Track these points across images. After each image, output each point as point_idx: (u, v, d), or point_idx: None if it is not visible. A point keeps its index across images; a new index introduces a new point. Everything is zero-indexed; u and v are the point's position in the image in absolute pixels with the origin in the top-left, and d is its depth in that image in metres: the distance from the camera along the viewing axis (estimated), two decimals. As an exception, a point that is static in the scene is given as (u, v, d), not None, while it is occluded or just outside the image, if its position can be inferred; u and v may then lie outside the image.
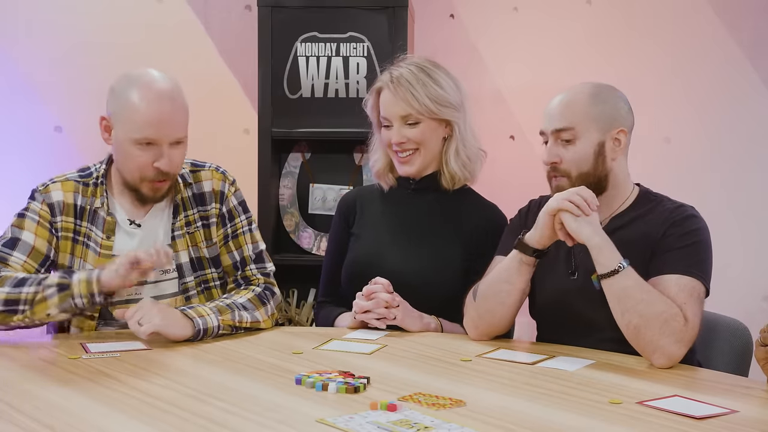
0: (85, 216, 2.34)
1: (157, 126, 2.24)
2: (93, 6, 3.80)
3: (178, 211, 2.39)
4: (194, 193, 2.42)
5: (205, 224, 2.42)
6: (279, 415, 1.63)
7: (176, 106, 2.28)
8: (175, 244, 2.37)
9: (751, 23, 3.71)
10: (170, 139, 2.26)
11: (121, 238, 2.35)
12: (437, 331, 2.41)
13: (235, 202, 2.45)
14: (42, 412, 1.63)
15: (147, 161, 2.26)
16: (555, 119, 2.21)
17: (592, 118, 2.19)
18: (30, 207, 2.34)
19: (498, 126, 3.81)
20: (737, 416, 1.66)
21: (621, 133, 2.21)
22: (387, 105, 2.48)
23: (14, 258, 2.29)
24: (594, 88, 2.23)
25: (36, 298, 2.17)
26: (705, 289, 2.11)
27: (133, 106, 2.23)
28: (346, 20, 3.40)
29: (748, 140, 3.73)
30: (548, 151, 2.22)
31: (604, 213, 2.23)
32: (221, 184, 2.44)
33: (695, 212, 2.21)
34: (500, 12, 3.82)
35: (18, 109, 3.78)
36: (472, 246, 2.48)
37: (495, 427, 1.57)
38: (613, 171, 2.23)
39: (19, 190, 2.45)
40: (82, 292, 2.17)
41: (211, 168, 2.47)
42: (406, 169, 2.51)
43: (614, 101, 2.23)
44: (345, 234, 2.60)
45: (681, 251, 2.12)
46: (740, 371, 2.24)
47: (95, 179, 2.37)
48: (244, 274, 2.44)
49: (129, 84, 2.27)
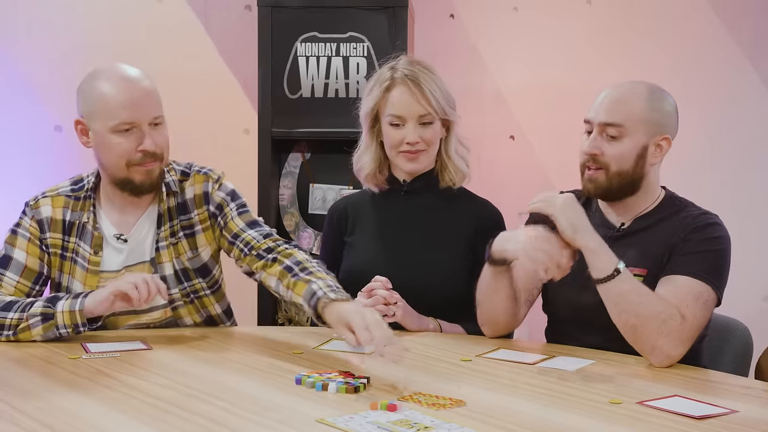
0: (74, 231, 2.34)
1: (131, 107, 2.23)
2: (93, 6, 3.80)
3: (163, 221, 2.35)
4: (178, 202, 2.38)
5: (189, 233, 2.37)
6: (279, 415, 1.63)
7: (145, 86, 2.27)
8: (159, 256, 2.34)
9: (751, 23, 3.71)
10: (148, 119, 2.25)
11: (109, 253, 2.34)
12: (436, 331, 2.41)
13: (222, 194, 2.39)
14: (42, 412, 1.63)
15: (130, 147, 2.25)
16: (606, 112, 2.18)
17: (643, 120, 2.17)
18: (21, 223, 2.36)
19: (498, 126, 3.81)
20: (737, 416, 1.66)
21: (665, 140, 2.20)
22: (403, 103, 2.44)
23: (7, 279, 2.30)
24: (651, 91, 2.21)
25: (20, 326, 2.18)
26: (716, 296, 2.09)
27: (104, 95, 2.24)
28: (346, 20, 3.39)
29: (748, 140, 3.73)
30: (591, 141, 2.19)
31: (629, 214, 2.23)
32: (204, 186, 2.39)
33: (718, 220, 2.19)
34: (500, 12, 3.82)
35: (18, 109, 3.78)
36: (469, 245, 2.48)
37: (495, 427, 1.57)
38: (648, 175, 2.21)
39: (19, 190, 2.46)
40: (65, 323, 2.17)
41: (194, 173, 2.41)
42: (411, 167, 2.48)
43: (666, 107, 2.22)
44: (338, 242, 2.58)
45: (697, 256, 2.11)
46: (740, 371, 2.24)
47: (86, 192, 2.36)
48: (244, 240, 2.34)
49: (94, 78, 2.28)
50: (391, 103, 2.45)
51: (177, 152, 2.45)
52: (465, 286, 2.37)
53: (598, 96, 2.22)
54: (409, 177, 2.53)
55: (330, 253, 2.59)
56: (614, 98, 2.20)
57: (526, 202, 2.45)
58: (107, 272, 2.33)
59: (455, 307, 2.39)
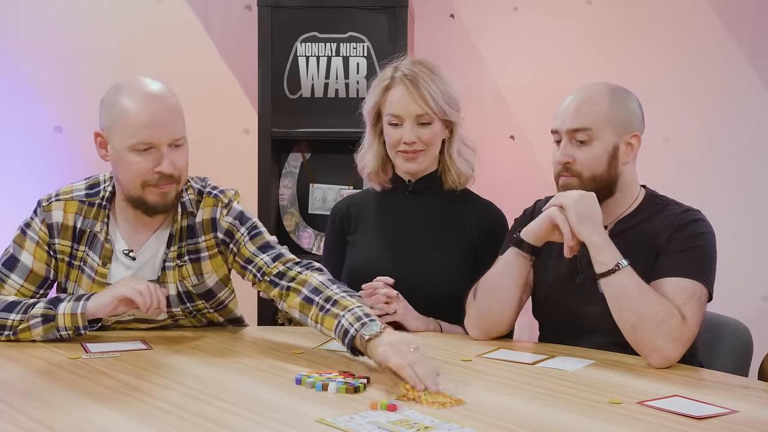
0: (84, 239, 2.29)
1: (152, 127, 2.15)
2: (93, 6, 3.80)
3: (173, 241, 2.29)
4: (188, 224, 2.30)
5: (194, 258, 2.31)
6: (279, 415, 1.63)
7: (169, 105, 2.19)
8: (165, 275, 2.29)
9: (751, 23, 3.71)
10: (168, 140, 2.17)
11: (117, 268, 2.30)
12: (436, 331, 2.41)
13: (230, 220, 2.30)
14: (42, 412, 1.63)
15: (147, 167, 2.16)
16: (571, 119, 2.19)
17: (609, 120, 2.17)
18: (31, 225, 2.30)
19: (498, 126, 3.81)
20: (737, 416, 1.66)
21: (634, 138, 2.20)
22: (401, 103, 2.44)
23: (11, 281, 2.28)
24: (611, 90, 2.21)
25: (20, 327, 2.17)
26: (707, 292, 2.10)
27: (126, 112, 2.15)
28: (346, 20, 3.40)
29: (748, 140, 3.73)
30: (562, 149, 2.20)
31: (610, 217, 2.22)
32: (212, 211, 2.30)
33: (702, 216, 2.20)
34: (500, 12, 3.82)
35: (18, 109, 3.78)
36: (472, 246, 2.48)
37: (495, 427, 1.58)
38: (623, 175, 2.21)
39: (19, 190, 2.46)
40: (66, 325, 2.17)
41: (206, 195, 2.32)
42: (409, 166, 2.48)
43: (630, 105, 2.22)
44: (341, 241, 2.58)
45: (684, 254, 2.11)
46: (740, 371, 2.24)
47: (101, 199, 2.29)
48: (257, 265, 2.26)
49: (118, 92, 2.19)
50: (390, 103, 2.46)
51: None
52: (466, 286, 2.37)
53: (561, 105, 2.23)
54: (413, 177, 2.53)
55: (333, 252, 2.60)
56: (578, 103, 2.20)
57: (527, 202, 2.45)
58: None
59: (456, 306, 2.39)
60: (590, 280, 2.15)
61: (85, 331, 2.18)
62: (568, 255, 2.13)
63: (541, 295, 2.30)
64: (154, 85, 2.20)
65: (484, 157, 2.63)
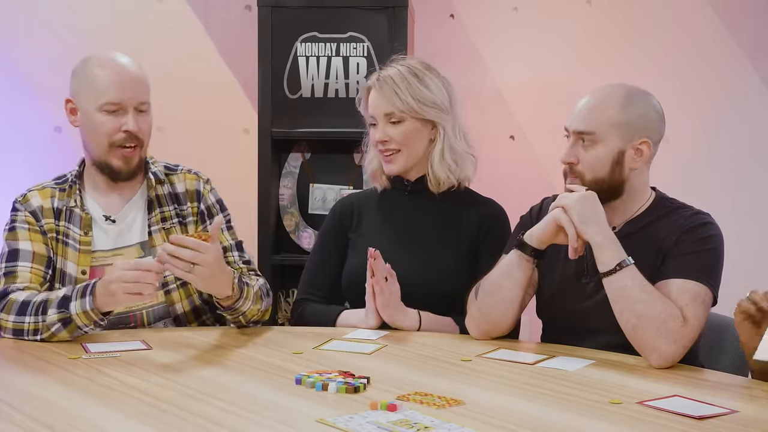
0: (62, 216, 2.40)
1: (119, 87, 2.32)
2: (93, 6, 3.80)
3: (153, 207, 2.43)
4: (169, 192, 2.47)
5: (182, 222, 2.45)
6: (279, 415, 1.63)
7: (135, 70, 2.38)
8: (152, 240, 2.41)
9: (751, 23, 3.71)
10: (134, 103, 2.33)
11: (98, 233, 2.40)
12: (415, 324, 2.38)
13: (212, 199, 2.49)
14: (42, 412, 1.63)
15: (114, 126, 2.32)
16: (579, 120, 2.19)
17: (616, 125, 2.16)
18: (16, 219, 2.39)
19: (498, 126, 3.81)
20: (737, 416, 1.66)
21: (644, 144, 2.18)
22: (372, 103, 2.49)
23: (21, 268, 2.32)
24: (627, 94, 2.19)
25: (45, 335, 2.19)
26: (712, 295, 2.09)
27: (94, 75, 2.35)
28: (346, 20, 3.40)
29: (748, 140, 3.73)
30: (568, 149, 2.20)
31: (618, 218, 2.22)
32: (196, 183, 2.49)
33: (711, 220, 2.19)
34: (500, 12, 3.82)
35: (18, 109, 3.78)
36: (471, 245, 2.48)
37: (495, 427, 1.57)
38: (630, 180, 2.20)
39: (19, 191, 2.45)
40: (85, 322, 2.19)
41: (183, 171, 2.51)
42: (389, 168, 2.50)
43: (645, 110, 2.19)
44: (342, 236, 2.58)
45: (691, 257, 2.11)
46: (741, 371, 2.23)
47: (70, 181, 2.43)
48: (226, 260, 2.37)
49: (86, 62, 2.39)
50: (369, 104, 2.52)
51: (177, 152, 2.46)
52: (465, 284, 2.37)
53: (576, 104, 2.22)
54: (409, 178, 2.53)
55: (329, 244, 2.58)
56: (589, 106, 2.19)
57: (526, 202, 2.45)
58: (100, 251, 2.39)
59: (454, 305, 2.38)
60: (596, 281, 2.15)
61: (103, 322, 2.21)
62: (572, 256, 2.13)
63: (545, 295, 2.30)
64: (121, 56, 2.41)
65: (484, 157, 2.63)
